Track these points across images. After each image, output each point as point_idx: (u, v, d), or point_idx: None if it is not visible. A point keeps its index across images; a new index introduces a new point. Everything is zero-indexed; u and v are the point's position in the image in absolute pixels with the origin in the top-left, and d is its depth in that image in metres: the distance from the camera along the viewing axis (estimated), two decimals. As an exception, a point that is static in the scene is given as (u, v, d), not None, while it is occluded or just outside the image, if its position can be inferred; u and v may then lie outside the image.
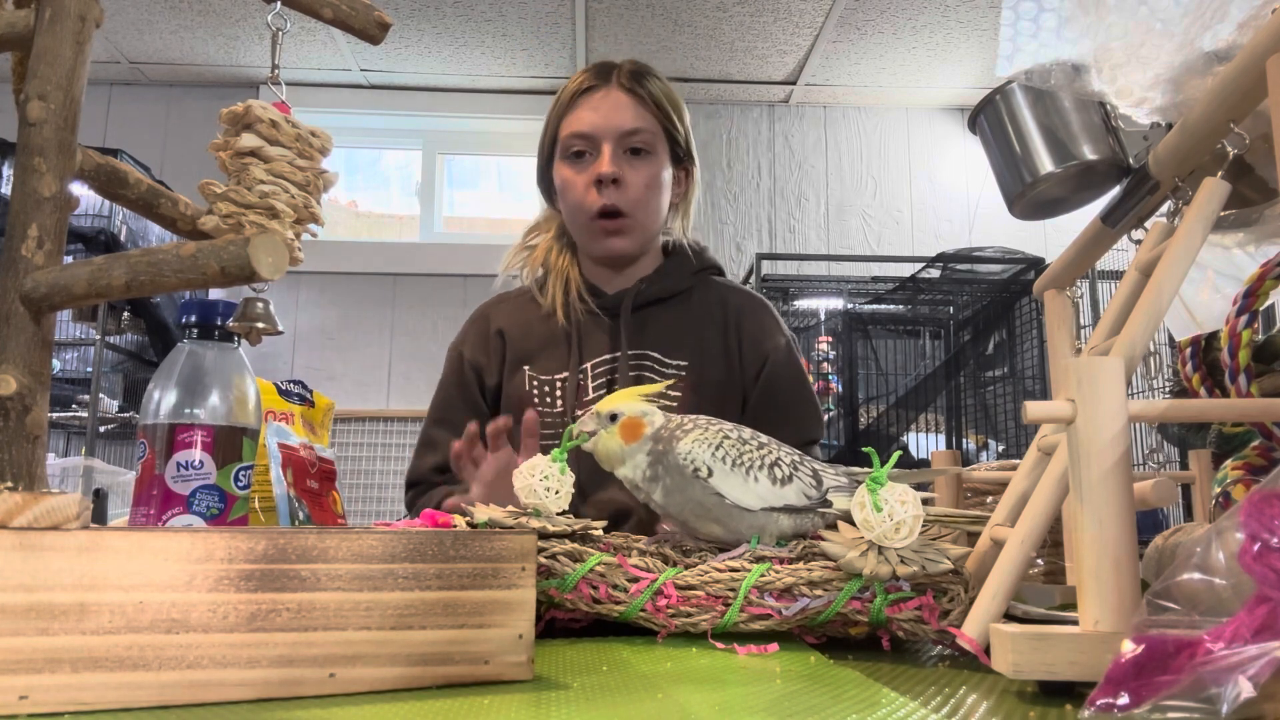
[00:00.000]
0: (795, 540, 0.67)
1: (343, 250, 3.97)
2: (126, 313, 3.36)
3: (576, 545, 0.65)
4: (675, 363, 1.16)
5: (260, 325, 0.61)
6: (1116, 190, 0.79)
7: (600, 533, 0.69)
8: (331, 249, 3.90)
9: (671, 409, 1.06)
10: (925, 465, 2.48)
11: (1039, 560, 0.97)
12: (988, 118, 0.87)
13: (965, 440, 3.11)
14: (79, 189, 0.52)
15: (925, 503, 0.62)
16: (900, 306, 3.26)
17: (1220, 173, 0.60)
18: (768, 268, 3.46)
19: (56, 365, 3.32)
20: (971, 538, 0.68)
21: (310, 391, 1.13)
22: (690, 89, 4.07)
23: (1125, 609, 0.46)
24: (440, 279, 3.99)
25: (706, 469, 0.67)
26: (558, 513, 0.68)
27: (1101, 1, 0.67)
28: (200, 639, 0.44)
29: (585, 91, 1.16)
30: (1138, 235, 0.74)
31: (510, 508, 0.70)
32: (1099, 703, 0.36)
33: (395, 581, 0.48)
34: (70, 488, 1.93)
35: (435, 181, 4.23)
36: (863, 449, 0.64)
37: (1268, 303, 0.74)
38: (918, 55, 3.80)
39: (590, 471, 0.97)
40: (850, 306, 3.22)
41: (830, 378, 3.08)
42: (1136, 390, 2.32)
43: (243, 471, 0.75)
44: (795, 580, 0.62)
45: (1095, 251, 0.82)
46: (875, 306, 3.25)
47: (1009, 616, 0.57)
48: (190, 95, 4.07)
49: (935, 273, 3.09)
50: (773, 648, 0.61)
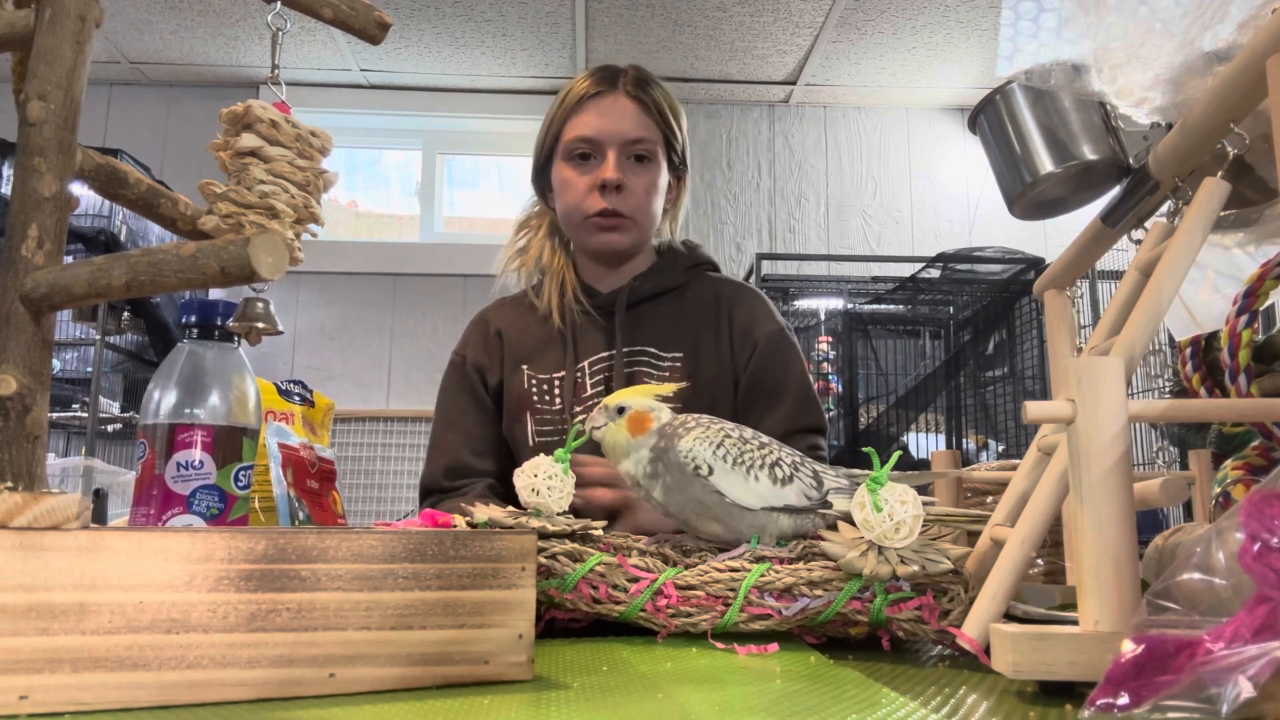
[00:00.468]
0: (795, 540, 0.67)
1: (343, 250, 3.96)
2: (126, 313, 3.36)
3: (576, 545, 0.66)
4: (670, 356, 1.16)
5: (260, 325, 0.61)
6: (1116, 190, 0.79)
7: (600, 533, 0.70)
8: (331, 249, 3.90)
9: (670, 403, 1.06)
10: (925, 465, 2.48)
11: (1039, 560, 0.97)
12: (988, 118, 0.87)
13: (965, 440, 3.11)
14: (79, 189, 0.52)
15: (925, 503, 0.62)
16: (900, 306, 3.26)
17: (1220, 173, 0.59)
18: (768, 268, 3.46)
19: (56, 365, 3.32)
20: (971, 538, 0.68)
21: (310, 391, 1.13)
22: (690, 89, 4.07)
23: (1125, 609, 0.46)
24: (440, 279, 3.99)
25: (707, 467, 0.67)
26: (558, 513, 0.69)
27: (1101, 1, 0.67)
28: (200, 639, 0.44)
29: (592, 96, 1.17)
30: (1138, 235, 0.74)
31: (510, 509, 0.70)
32: (1099, 703, 0.36)
33: (395, 581, 0.48)
34: (70, 488, 1.93)
35: (435, 181, 4.23)
36: (863, 449, 0.64)
37: (1268, 303, 0.74)
38: (918, 55, 3.80)
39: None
40: (850, 306, 3.22)
41: (830, 378, 3.08)
42: (1138, 390, 2.32)
43: (243, 471, 0.75)
44: (795, 580, 0.62)
45: (1095, 251, 0.82)
46: (875, 306, 3.25)
47: (1009, 616, 0.57)
48: (190, 95, 4.07)
49: (935, 273, 3.09)
50: (773, 648, 0.61)
